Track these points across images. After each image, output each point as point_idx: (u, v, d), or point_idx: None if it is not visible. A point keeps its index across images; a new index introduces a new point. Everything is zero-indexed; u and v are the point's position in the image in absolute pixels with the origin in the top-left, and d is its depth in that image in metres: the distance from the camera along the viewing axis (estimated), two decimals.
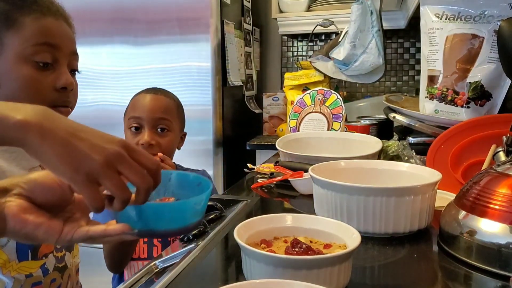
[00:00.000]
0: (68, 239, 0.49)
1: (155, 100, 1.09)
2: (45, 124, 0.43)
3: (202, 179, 0.55)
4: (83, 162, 0.43)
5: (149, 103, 1.08)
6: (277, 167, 1.09)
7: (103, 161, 0.43)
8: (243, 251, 0.53)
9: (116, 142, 0.45)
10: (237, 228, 0.55)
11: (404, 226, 0.68)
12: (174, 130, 1.10)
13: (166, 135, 1.08)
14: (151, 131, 1.06)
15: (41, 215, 0.48)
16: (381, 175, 0.82)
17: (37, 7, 0.76)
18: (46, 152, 0.43)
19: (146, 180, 0.46)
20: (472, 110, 1.12)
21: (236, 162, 1.87)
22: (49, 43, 0.76)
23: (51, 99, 0.77)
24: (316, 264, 0.48)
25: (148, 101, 1.08)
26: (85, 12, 1.85)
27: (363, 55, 1.66)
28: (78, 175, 0.43)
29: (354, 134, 1.31)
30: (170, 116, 1.09)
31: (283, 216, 0.62)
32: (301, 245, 0.53)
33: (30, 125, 0.42)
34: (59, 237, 0.49)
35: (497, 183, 0.61)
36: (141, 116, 1.06)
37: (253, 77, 2.24)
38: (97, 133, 0.46)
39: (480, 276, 0.57)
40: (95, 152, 0.43)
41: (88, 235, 0.49)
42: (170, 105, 1.10)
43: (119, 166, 0.44)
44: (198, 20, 1.75)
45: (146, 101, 1.08)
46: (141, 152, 0.47)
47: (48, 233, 0.48)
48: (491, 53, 1.09)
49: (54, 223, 0.49)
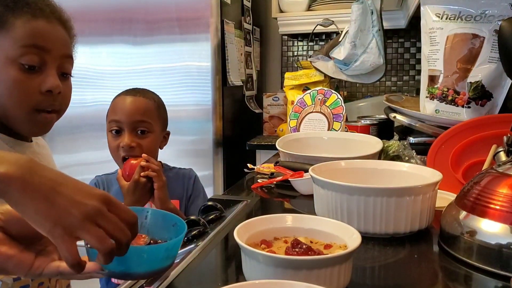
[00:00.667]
0: (38, 273, 0.49)
1: (134, 103, 1.09)
2: (27, 178, 0.43)
3: (178, 220, 0.56)
4: (62, 217, 0.43)
5: (128, 106, 1.08)
6: (277, 167, 1.08)
7: (82, 216, 0.44)
8: (243, 252, 0.53)
9: (97, 196, 0.46)
10: (237, 229, 0.55)
11: (404, 227, 0.68)
12: (154, 131, 1.10)
13: (146, 137, 1.08)
14: (131, 134, 1.06)
15: (13, 247, 0.48)
16: (382, 175, 0.82)
17: (29, 9, 0.75)
18: (26, 205, 0.43)
19: (125, 234, 0.46)
20: (473, 110, 1.12)
21: (236, 162, 1.87)
22: (37, 45, 0.75)
23: (36, 102, 0.77)
24: (316, 265, 0.48)
25: (127, 104, 1.08)
26: (85, 12, 1.85)
27: (364, 55, 1.66)
28: (56, 229, 0.43)
29: (354, 134, 1.31)
30: (149, 118, 1.09)
31: (283, 216, 0.61)
32: (302, 246, 0.53)
33: (12, 178, 0.43)
34: (29, 270, 0.48)
35: (497, 183, 0.60)
36: (120, 120, 1.07)
37: (253, 77, 2.24)
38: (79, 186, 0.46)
39: (481, 276, 0.57)
40: (75, 207, 0.44)
41: (59, 271, 0.49)
42: (149, 107, 1.10)
43: (99, 221, 0.45)
44: (198, 20, 1.75)
45: (125, 104, 1.08)
46: (120, 206, 0.47)
47: (18, 266, 0.48)
48: (492, 53, 1.09)
49: (26, 256, 0.48)
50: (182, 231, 0.53)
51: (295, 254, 0.52)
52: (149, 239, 0.55)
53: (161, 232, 0.56)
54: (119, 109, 1.09)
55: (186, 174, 1.21)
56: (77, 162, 1.90)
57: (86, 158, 1.91)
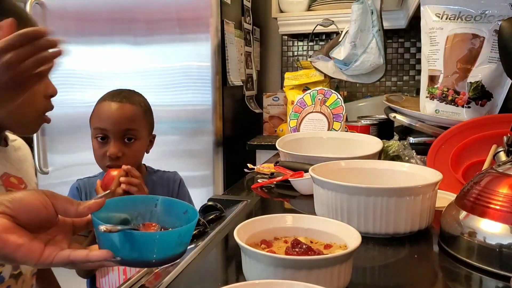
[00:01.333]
0: (48, 262, 0.48)
1: (120, 110, 1.04)
2: None
3: (189, 207, 0.55)
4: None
5: (114, 114, 1.03)
6: (277, 167, 1.08)
7: None
8: (243, 252, 0.53)
9: None
10: (237, 229, 0.55)
11: (404, 227, 0.68)
12: (142, 137, 1.07)
13: (133, 144, 1.05)
14: (118, 142, 1.03)
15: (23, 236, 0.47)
16: (382, 175, 0.82)
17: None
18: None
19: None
20: (473, 110, 1.12)
21: (236, 162, 1.87)
22: None
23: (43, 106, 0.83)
24: (316, 265, 0.48)
25: (113, 112, 1.03)
26: (85, 12, 1.85)
27: (364, 55, 1.66)
28: None
29: (354, 134, 1.31)
30: (137, 125, 1.06)
31: (284, 216, 0.61)
32: (302, 246, 0.53)
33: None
34: (39, 260, 0.48)
35: (497, 183, 0.60)
36: (106, 128, 1.03)
37: (253, 77, 2.24)
38: None
39: (481, 276, 0.57)
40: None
41: (69, 259, 0.48)
42: (136, 113, 1.06)
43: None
44: (198, 20, 1.75)
45: (111, 112, 1.04)
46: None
47: (28, 255, 0.47)
48: (492, 53, 1.09)
49: (35, 245, 0.48)
50: (194, 218, 0.52)
51: (295, 254, 0.52)
52: (159, 228, 0.53)
53: (172, 221, 0.54)
54: (105, 116, 1.04)
55: (171, 178, 1.18)
56: (77, 162, 1.90)
57: (86, 158, 1.90)
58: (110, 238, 0.47)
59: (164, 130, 1.80)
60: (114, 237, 0.47)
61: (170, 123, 1.81)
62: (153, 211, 0.55)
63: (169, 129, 1.81)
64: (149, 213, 0.55)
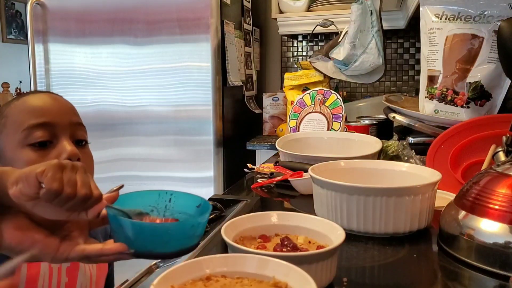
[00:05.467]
0: (64, 257, 0.49)
1: (61, 101, 0.77)
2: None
3: (202, 201, 0.55)
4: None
5: (55, 104, 0.75)
6: (277, 167, 1.09)
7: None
8: (230, 248, 0.53)
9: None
10: (227, 225, 0.55)
11: (404, 226, 0.69)
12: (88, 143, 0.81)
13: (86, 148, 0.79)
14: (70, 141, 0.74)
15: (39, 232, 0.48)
16: (381, 175, 0.82)
17: None
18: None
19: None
20: (472, 110, 1.12)
21: (236, 162, 1.87)
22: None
23: None
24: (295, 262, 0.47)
25: (53, 102, 0.76)
26: (86, 13, 1.85)
27: (363, 55, 1.67)
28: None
29: (354, 134, 1.31)
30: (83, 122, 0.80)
31: (285, 214, 0.62)
32: (289, 244, 0.54)
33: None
34: (55, 255, 0.48)
35: (497, 183, 0.61)
36: (51, 122, 0.72)
37: (253, 77, 2.24)
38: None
39: (480, 276, 0.57)
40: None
41: (84, 254, 0.49)
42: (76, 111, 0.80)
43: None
44: (198, 20, 1.75)
45: (50, 102, 0.75)
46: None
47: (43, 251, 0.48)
48: (491, 53, 1.09)
49: (51, 241, 0.48)
50: (207, 210, 0.52)
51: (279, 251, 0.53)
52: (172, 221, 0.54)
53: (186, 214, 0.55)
54: (45, 109, 0.73)
55: None
56: None
57: None
58: (124, 231, 0.47)
59: (164, 130, 1.81)
60: (127, 230, 0.47)
61: (170, 123, 1.81)
62: (167, 206, 0.56)
63: (169, 129, 1.81)
64: (163, 207, 0.55)
